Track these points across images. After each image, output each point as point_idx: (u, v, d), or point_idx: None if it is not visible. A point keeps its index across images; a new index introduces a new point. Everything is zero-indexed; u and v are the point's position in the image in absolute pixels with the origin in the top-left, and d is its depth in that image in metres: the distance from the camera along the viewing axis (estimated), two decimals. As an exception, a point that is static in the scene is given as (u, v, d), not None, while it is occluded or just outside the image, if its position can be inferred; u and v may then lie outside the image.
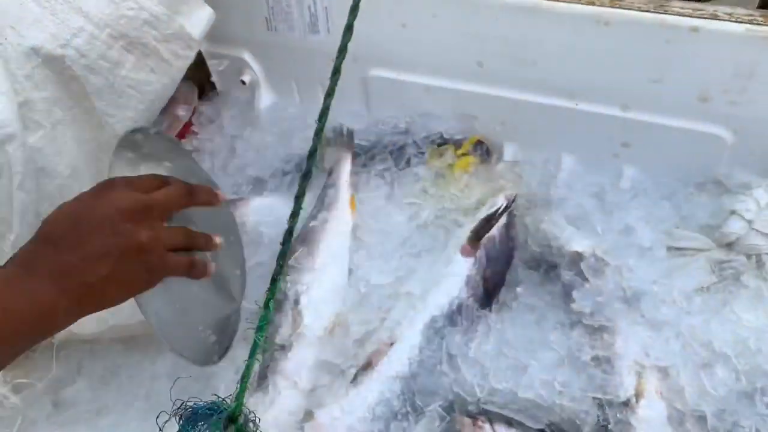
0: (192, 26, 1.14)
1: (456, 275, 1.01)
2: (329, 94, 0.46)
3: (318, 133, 0.47)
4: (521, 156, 1.24)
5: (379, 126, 1.31)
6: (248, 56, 1.39)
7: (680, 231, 1.06)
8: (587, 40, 1.02)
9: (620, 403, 0.89)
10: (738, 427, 0.87)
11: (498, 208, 1.07)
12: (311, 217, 1.14)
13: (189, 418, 0.50)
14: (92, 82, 1.04)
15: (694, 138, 1.06)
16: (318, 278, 1.05)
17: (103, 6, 1.01)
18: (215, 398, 0.52)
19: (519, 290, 1.04)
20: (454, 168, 1.20)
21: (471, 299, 1.00)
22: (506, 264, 1.07)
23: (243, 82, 1.42)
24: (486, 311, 1.01)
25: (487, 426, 0.85)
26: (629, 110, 1.09)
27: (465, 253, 1.03)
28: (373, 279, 1.07)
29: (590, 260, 1.02)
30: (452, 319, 0.98)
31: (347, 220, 1.15)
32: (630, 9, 0.98)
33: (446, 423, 0.88)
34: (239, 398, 0.44)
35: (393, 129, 1.30)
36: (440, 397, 0.91)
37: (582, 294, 0.99)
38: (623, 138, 1.14)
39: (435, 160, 1.22)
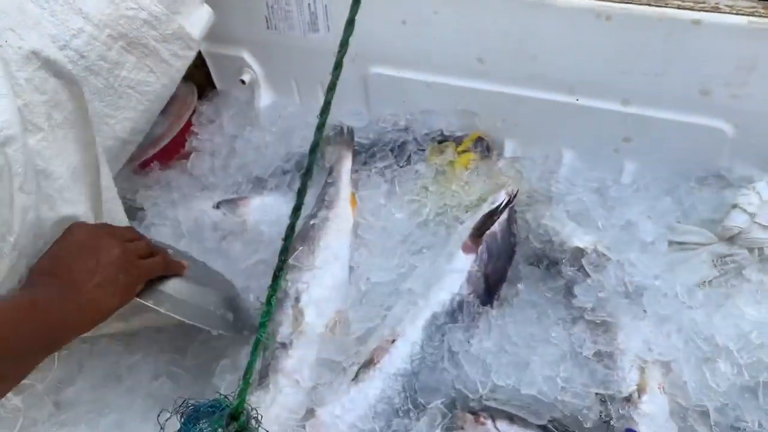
0: (191, 26, 1.14)
1: (457, 272, 1.01)
2: (331, 88, 0.45)
3: (320, 128, 0.47)
4: (522, 152, 1.24)
5: (380, 123, 1.31)
6: (248, 55, 1.39)
7: (682, 225, 1.06)
8: (588, 35, 1.02)
9: (623, 399, 0.89)
10: (740, 422, 0.87)
11: (499, 204, 1.07)
12: (312, 216, 1.13)
13: (191, 416, 0.50)
14: (92, 83, 1.04)
15: (696, 132, 1.06)
16: (319, 276, 1.05)
17: (103, 7, 1.00)
18: (217, 395, 0.52)
19: (520, 286, 1.04)
20: (455, 165, 1.20)
21: (472, 296, 0.99)
22: (508, 260, 1.06)
23: (243, 82, 1.42)
24: (487, 308, 1.00)
25: (490, 422, 0.85)
26: (630, 105, 1.09)
27: (466, 250, 1.03)
28: (374, 277, 1.07)
29: (592, 256, 1.02)
30: (454, 316, 0.98)
31: (348, 218, 1.15)
32: (631, 2, 0.98)
33: (448, 420, 0.88)
34: (241, 395, 0.44)
35: (393, 126, 1.30)
36: (442, 394, 0.91)
37: (583, 289, 0.99)
38: (624, 133, 1.13)
39: (435, 157, 1.22)
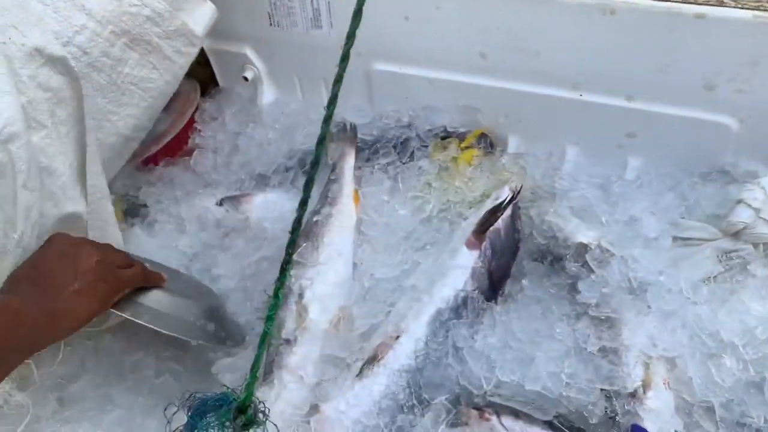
0: (194, 23, 1.14)
1: (461, 268, 1.00)
2: (338, 81, 0.45)
3: (327, 120, 0.47)
4: (525, 148, 1.24)
5: (383, 120, 1.31)
6: (251, 52, 1.39)
7: (686, 221, 1.05)
8: (592, 30, 1.02)
9: (628, 394, 0.88)
10: (746, 417, 0.86)
11: (503, 201, 1.06)
12: (315, 212, 1.13)
13: (197, 410, 0.50)
14: (95, 80, 1.04)
15: (700, 127, 1.06)
16: (322, 273, 1.05)
17: (106, 3, 1.00)
18: (224, 389, 0.52)
19: (524, 282, 1.04)
20: (458, 161, 1.20)
21: (476, 292, 0.99)
22: (512, 256, 1.06)
23: (245, 79, 1.41)
24: (491, 303, 1.00)
25: (495, 418, 0.84)
26: (634, 100, 1.08)
27: (470, 246, 1.03)
28: (378, 273, 1.07)
29: (595, 251, 1.01)
30: (458, 312, 0.97)
31: (351, 215, 1.15)
32: (634, -3, 0.98)
33: (453, 416, 0.88)
34: (249, 388, 0.43)
35: (396, 123, 1.30)
36: (446, 390, 0.91)
37: (587, 285, 0.99)
38: (628, 128, 1.13)
39: (438, 154, 1.22)
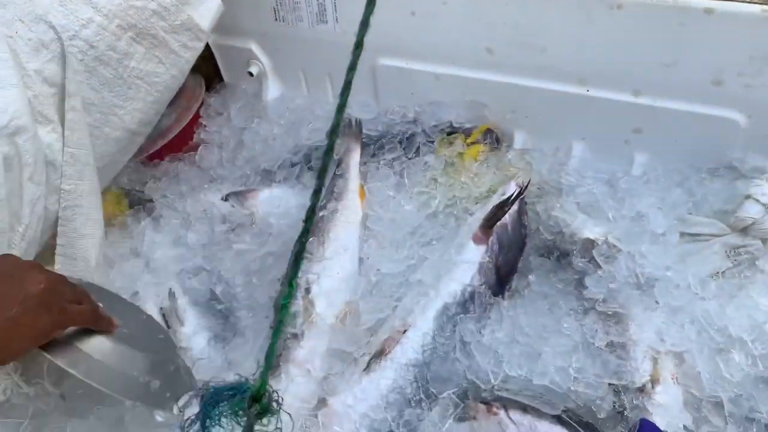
0: (200, 17, 1.14)
1: (468, 262, 1.00)
2: (351, 68, 0.45)
3: (340, 109, 0.47)
4: (531, 144, 1.24)
5: (388, 115, 1.31)
6: (256, 47, 1.39)
7: (694, 217, 1.05)
8: (599, 25, 1.01)
9: (636, 389, 0.88)
10: (755, 412, 0.86)
11: (510, 196, 1.06)
12: (321, 208, 1.13)
13: (211, 399, 0.50)
14: (101, 74, 1.04)
15: (707, 122, 1.05)
16: (329, 267, 1.05)
17: (112, -4, 1.00)
18: (238, 377, 0.52)
19: (531, 278, 1.03)
20: (464, 156, 1.19)
21: (484, 286, 0.99)
22: (518, 251, 1.06)
23: (250, 74, 1.41)
24: (498, 298, 1.00)
25: (502, 412, 0.84)
26: (641, 95, 1.08)
27: (477, 241, 1.03)
28: (384, 268, 1.07)
29: (602, 247, 1.01)
30: (465, 307, 0.97)
31: (357, 210, 1.14)
32: (642, -9, 0.97)
33: (460, 410, 0.88)
34: (264, 377, 0.43)
35: (402, 118, 1.30)
36: (454, 384, 0.91)
37: (595, 281, 0.98)
38: (635, 124, 1.13)
39: (444, 149, 1.21)
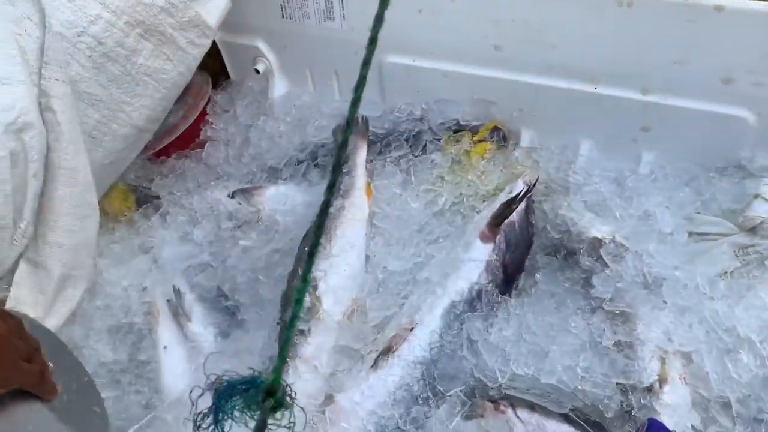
0: (208, 14, 1.14)
1: (476, 260, 1.00)
2: (366, 63, 0.45)
3: (354, 103, 0.47)
4: (539, 142, 1.23)
5: (395, 113, 1.31)
6: (262, 45, 1.39)
7: (701, 216, 1.05)
8: (608, 22, 1.01)
9: (644, 389, 0.88)
10: (763, 413, 0.86)
11: (518, 194, 1.06)
12: (328, 205, 1.13)
13: (224, 393, 0.50)
14: (109, 70, 1.04)
15: (716, 121, 1.05)
16: (335, 264, 1.05)
17: (120, -7, 1.00)
18: (250, 371, 0.52)
19: (538, 276, 1.03)
20: (471, 154, 1.19)
21: (491, 285, 0.99)
22: (526, 249, 1.06)
23: (257, 71, 1.41)
24: (506, 297, 1.00)
25: (510, 410, 0.84)
26: (650, 93, 1.07)
27: (484, 239, 1.03)
28: (391, 265, 1.07)
29: (610, 246, 1.01)
30: (472, 305, 0.97)
31: (363, 208, 1.14)
32: (652, -11, 0.97)
33: (468, 408, 0.88)
34: (278, 370, 0.43)
35: (408, 116, 1.29)
36: (461, 382, 0.91)
37: (602, 280, 0.98)
38: (643, 122, 1.12)
39: (451, 147, 1.21)
